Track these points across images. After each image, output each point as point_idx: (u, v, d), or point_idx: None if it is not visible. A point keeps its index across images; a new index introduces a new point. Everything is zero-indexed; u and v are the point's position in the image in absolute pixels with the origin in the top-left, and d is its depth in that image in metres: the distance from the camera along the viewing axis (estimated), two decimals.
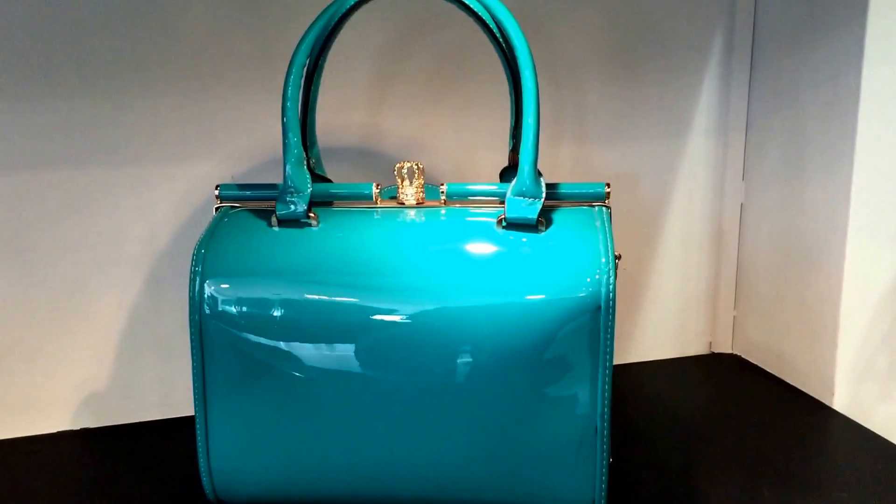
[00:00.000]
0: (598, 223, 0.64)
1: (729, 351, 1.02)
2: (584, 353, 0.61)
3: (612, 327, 0.61)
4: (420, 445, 0.63)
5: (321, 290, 0.63)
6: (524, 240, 0.63)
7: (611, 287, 0.60)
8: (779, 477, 0.72)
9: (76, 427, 0.86)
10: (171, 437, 0.83)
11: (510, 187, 0.64)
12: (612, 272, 0.61)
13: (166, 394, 0.87)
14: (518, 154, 0.68)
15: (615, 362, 0.97)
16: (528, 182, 0.63)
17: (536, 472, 0.63)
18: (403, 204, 0.68)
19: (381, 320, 0.62)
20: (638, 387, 0.93)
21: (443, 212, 0.66)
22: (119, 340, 0.85)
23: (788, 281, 0.91)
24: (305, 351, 0.63)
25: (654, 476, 0.74)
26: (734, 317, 1.01)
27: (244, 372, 0.64)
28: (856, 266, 0.83)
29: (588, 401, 0.62)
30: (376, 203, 0.68)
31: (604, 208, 0.66)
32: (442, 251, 0.63)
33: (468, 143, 0.88)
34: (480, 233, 0.64)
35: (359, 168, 0.86)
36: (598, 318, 0.60)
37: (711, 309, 1.01)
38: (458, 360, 0.61)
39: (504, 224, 0.64)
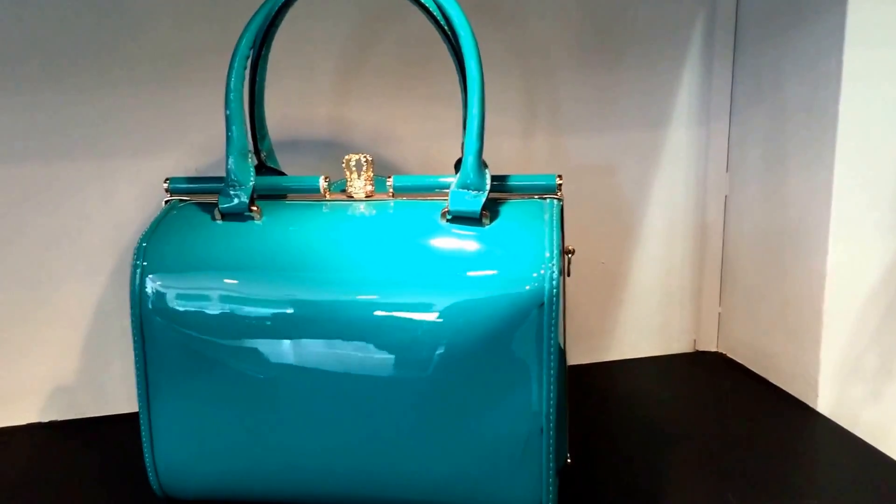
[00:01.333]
0: (546, 216, 0.62)
1: (714, 349, 0.99)
2: (526, 351, 0.59)
3: (556, 324, 0.58)
4: (359, 443, 0.62)
5: (259, 285, 0.61)
6: (467, 233, 0.61)
7: (555, 283, 0.58)
8: (749, 482, 0.70)
9: (45, 420, 0.85)
10: (140, 430, 0.82)
11: (455, 180, 0.62)
12: (556, 267, 0.58)
13: (133, 386, 0.86)
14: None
15: (594, 360, 0.96)
16: (471, 174, 0.61)
17: (480, 472, 0.61)
18: (352, 197, 0.66)
19: (317, 316, 0.60)
20: (614, 385, 0.91)
21: (390, 205, 0.65)
22: (86, 333, 0.85)
23: (773, 276, 0.88)
24: (243, 346, 0.61)
25: (614, 478, 0.71)
26: (719, 314, 0.98)
27: (185, 367, 0.63)
28: (839, 260, 0.80)
29: (532, 400, 0.60)
30: (325, 196, 0.66)
31: (555, 201, 0.64)
32: (382, 245, 0.61)
33: (436, 133, 0.86)
34: (423, 226, 0.62)
35: (326, 161, 0.85)
36: (542, 314, 0.58)
37: (696, 306, 0.98)
38: (396, 357, 0.60)
39: (448, 217, 0.62)
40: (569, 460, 0.71)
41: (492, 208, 0.62)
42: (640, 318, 0.97)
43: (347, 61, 0.84)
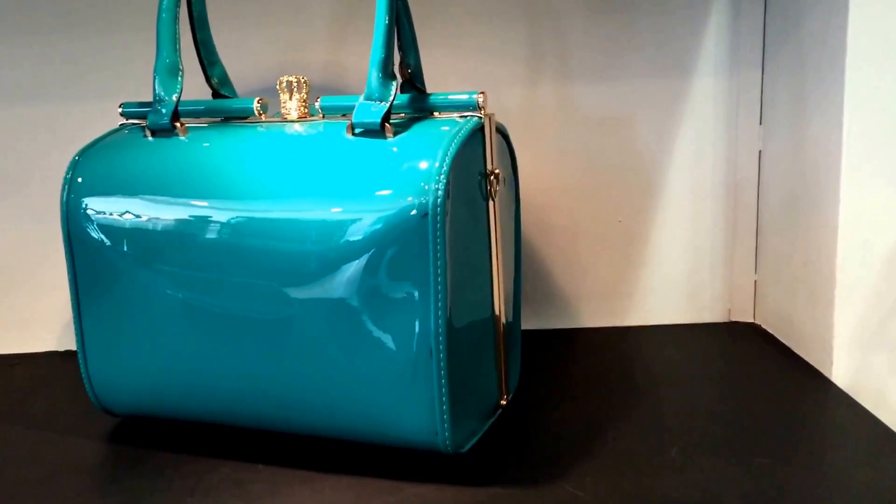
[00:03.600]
0: (452, 130, 0.59)
1: (750, 320, 0.90)
2: (413, 265, 0.56)
3: (443, 238, 0.56)
4: (258, 361, 0.61)
5: (167, 199, 0.62)
6: (368, 147, 0.60)
7: (440, 193, 0.55)
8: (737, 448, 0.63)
9: (62, 349, 0.91)
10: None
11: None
12: (444, 178, 0.56)
13: None
14: (405, 68, 0.65)
15: (609, 323, 0.90)
16: (374, 84, 0.60)
17: (374, 395, 0.59)
18: (286, 119, 0.66)
19: (215, 230, 0.61)
20: (626, 350, 0.84)
21: (319, 125, 0.64)
22: None
23: (796, 236, 0.79)
24: (150, 259, 0.63)
25: (572, 433, 0.66)
26: (755, 281, 0.90)
27: (107, 281, 0.65)
28: (853, 212, 0.71)
29: (419, 319, 0.57)
30: (260, 118, 0.66)
31: (474, 118, 0.61)
32: (282, 160, 0.61)
33: (432, 78, 0.84)
34: (329, 142, 0.61)
35: None
36: (426, 225, 0.56)
37: (729, 271, 0.90)
38: (286, 271, 0.59)
39: (355, 131, 0.60)
40: (503, 401, 0.67)
41: (406, 124, 0.60)
42: (665, 283, 0.90)
43: (342, 5, 0.84)
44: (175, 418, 0.68)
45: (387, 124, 0.59)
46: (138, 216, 0.63)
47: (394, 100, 0.60)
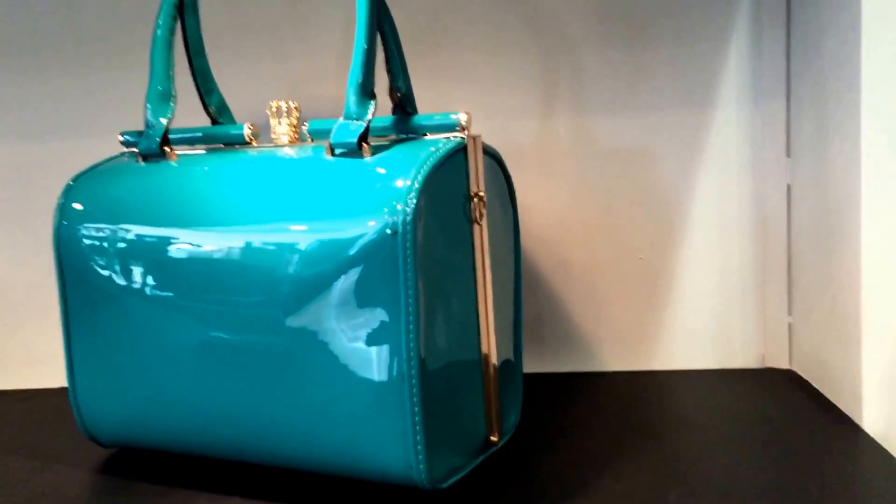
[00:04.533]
0: (431, 150, 0.57)
1: (785, 366, 0.85)
2: (382, 286, 0.54)
3: (413, 258, 0.53)
4: (232, 390, 0.60)
5: (155, 224, 0.62)
6: (345, 167, 0.58)
7: (410, 210, 0.53)
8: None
9: None
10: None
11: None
12: (415, 196, 0.54)
13: None
14: (395, 92, 0.64)
15: (631, 367, 0.86)
16: (351, 104, 0.59)
17: (346, 427, 0.57)
18: (276, 144, 0.65)
19: (199, 255, 0.60)
20: (648, 394, 0.79)
21: (306, 149, 0.63)
22: None
23: (825, 272, 0.74)
24: (139, 288, 0.62)
25: (567, 474, 0.62)
26: (789, 324, 0.84)
27: (93, 306, 0.65)
28: (876, 247, 0.66)
29: (391, 343, 0.55)
30: (250, 144, 0.66)
31: (454, 140, 0.59)
32: (265, 185, 0.60)
33: (445, 111, 0.83)
34: (309, 164, 0.60)
35: None
36: (395, 244, 0.54)
37: (761, 313, 0.85)
38: (258, 296, 0.58)
39: (334, 152, 0.59)
40: (493, 438, 0.63)
41: (388, 146, 0.59)
42: (692, 325, 0.86)
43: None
44: (158, 449, 0.66)
45: (364, 144, 0.58)
46: (125, 241, 0.63)
47: (371, 119, 0.58)
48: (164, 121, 0.65)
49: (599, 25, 0.82)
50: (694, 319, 0.85)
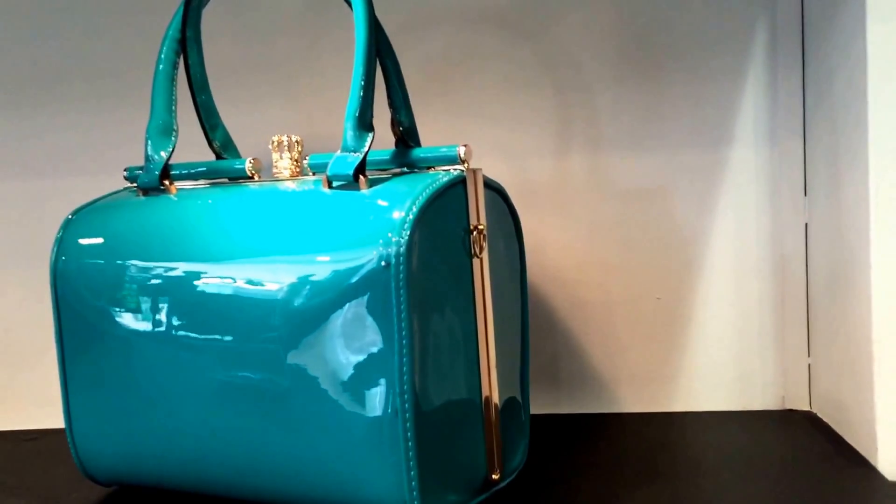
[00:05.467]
0: (429, 182, 0.57)
1: (806, 408, 0.83)
2: (375, 319, 0.54)
3: (406, 289, 0.53)
4: (224, 426, 0.60)
5: (152, 259, 0.62)
6: (342, 199, 0.58)
7: (403, 242, 0.53)
8: None
9: None
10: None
11: None
12: (409, 227, 0.54)
13: None
14: (397, 126, 0.64)
15: (650, 409, 0.84)
16: (348, 137, 0.59)
17: (339, 462, 0.56)
18: (277, 178, 0.66)
19: (183, 289, 0.60)
20: (663, 435, 0.78)
21: (307, 183, 0.63)
22: None
23: (841, 315, 0.73)
24: (134, 322, 0.62)
25: None
26: (809, 365, 0.82)
27: (87, 342, 0.65)
28: (885, 284, 0.64)
29: (385, 376, 0.54)
30: (252, 179, 0.67)
31: (453, 172, 0.59)
32: (262, 219, 0.60)
33: None
34: (307, 197, 0.60)
35: None
36: (388, 276, 0.53)
37: (780, 354, 0.83)
38: (250, 331, 0.58)
39: (332, 185, 0.60)
40: (494, 476, 0.62)
41: (387, 179, 0.59)
42: (710, 366, 0.84)
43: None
44: (155, 486, 0.66)
45: (361, 176, 0.58)
46: (119, 275, 0.63)
47: (367, 151, 0.58)
48: (164, 154, 0.66)
49: (615, 63, 0.82)
50: (712, 360, 0.84)
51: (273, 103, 0.86)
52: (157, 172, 0.65)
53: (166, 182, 0.66)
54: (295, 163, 0.65)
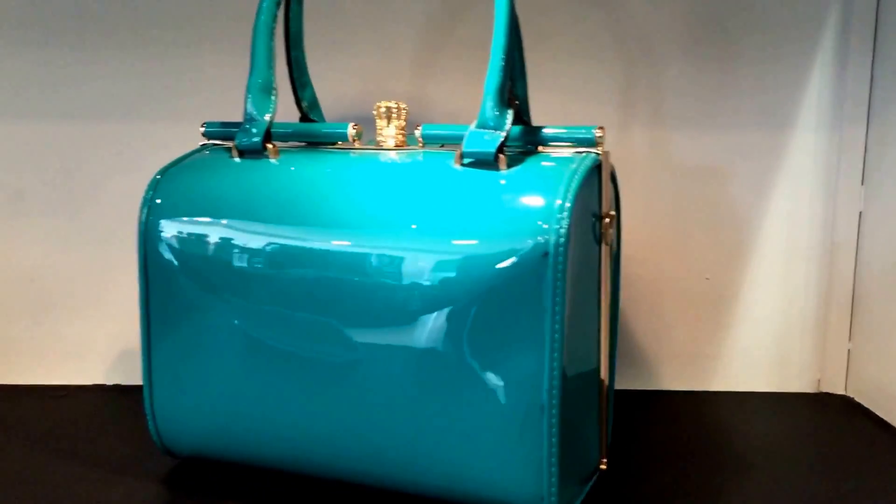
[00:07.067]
0: (572, 166, 0.54)
1: (841, 392, 0.85)
2: (525, 311, 0.51)
3: (563, 281, 0.51)
4: (344, 408, 0.56)
5: (256, 225, 0.58)
6: (479, 179, 0.55)
7: (563, 232, 0.50)
8: None
9: (110, 382, 0.86)
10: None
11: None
12: (567, 217, 0.51)
13: None
14: (514, 98, 0.61)
15: (691, 387, 0.84)
16: (488, 112, 0.55)
17: (468, 454, 0.54)
18: (381, 146, 0.62)
19: (307, 260, 0.56)
20: (708, 416, 0.78)
21: (418, 154, 0.60)
22: None
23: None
24: (232, 291, 0.58)
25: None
26: (848, 350, 0.84)
27: (181, 310, 0.60)
28: None
29: (532, 370, 0.52)
30: (353, 145, 0.62)
31: (591, 155, 0.56)
32: (385, 191, 0.56)
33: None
34: (435, 171, 0.57)
35: None
36: (545, 267, 0.51)
37: (821, 339, 0.84)
38: (385, 308, 0.54)
39: (463, 161, 0.56)
40: (602, 466, 0.61)
41: (518, 157, 0.56)
42: (752, 347, 0.85)
43: (429, 39, 0.81)
44: (238, 462, 0.62)
45: (501, 155, 0.55)
46: (220, 241, 0.58)
47: (510, 129, 0.55)
48: (267, 117, 0.61)
49: (684, 40, 0.80)
50: (754, 342, 0.85)
51: (332, 61, 0.81)
52: (259, 136, 0.60)
53: (269, 145, 0.60)
54: (401, 131, 0.61)
